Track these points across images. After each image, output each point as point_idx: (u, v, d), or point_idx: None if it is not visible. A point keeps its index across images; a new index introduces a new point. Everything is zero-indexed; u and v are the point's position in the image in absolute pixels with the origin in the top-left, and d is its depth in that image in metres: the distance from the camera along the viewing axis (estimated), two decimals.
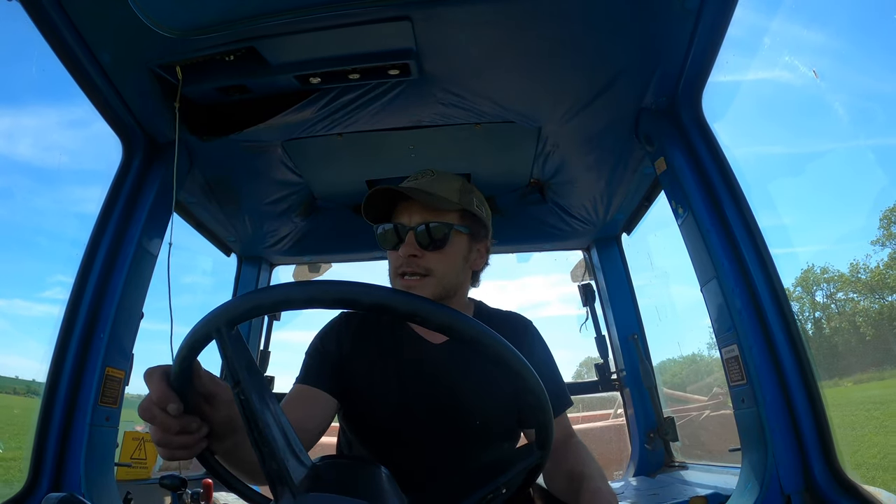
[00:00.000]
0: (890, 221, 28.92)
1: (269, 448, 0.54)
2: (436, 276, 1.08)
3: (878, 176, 63.83)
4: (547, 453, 0.68)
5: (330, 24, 1.16)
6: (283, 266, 2.52)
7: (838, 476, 1.14)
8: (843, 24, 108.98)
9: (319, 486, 0.54)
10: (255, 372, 0.58)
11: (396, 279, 1.10)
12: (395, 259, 1.10)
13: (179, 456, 0.66)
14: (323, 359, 1.13)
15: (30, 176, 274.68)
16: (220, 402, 0.67)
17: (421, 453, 1.09)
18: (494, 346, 0.57)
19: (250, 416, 0.55)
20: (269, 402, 0.57)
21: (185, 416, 0.63)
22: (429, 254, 1.07)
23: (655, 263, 2.40)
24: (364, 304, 0.53)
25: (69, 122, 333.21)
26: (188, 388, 0.63)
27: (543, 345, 1.24)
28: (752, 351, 1.25)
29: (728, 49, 1.27)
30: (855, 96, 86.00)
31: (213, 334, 0.57)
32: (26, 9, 1.12)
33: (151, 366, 0.64)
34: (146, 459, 1.75)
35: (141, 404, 0.63)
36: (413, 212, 1.08)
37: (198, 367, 0.64)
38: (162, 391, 0.61)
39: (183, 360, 0.60)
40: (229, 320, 0.56)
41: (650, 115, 1.50)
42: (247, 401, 0.55)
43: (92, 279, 1.37)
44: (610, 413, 4.26)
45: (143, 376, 0.63)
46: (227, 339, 0.56)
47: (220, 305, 0.56)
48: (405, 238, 1.07)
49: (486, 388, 1.10)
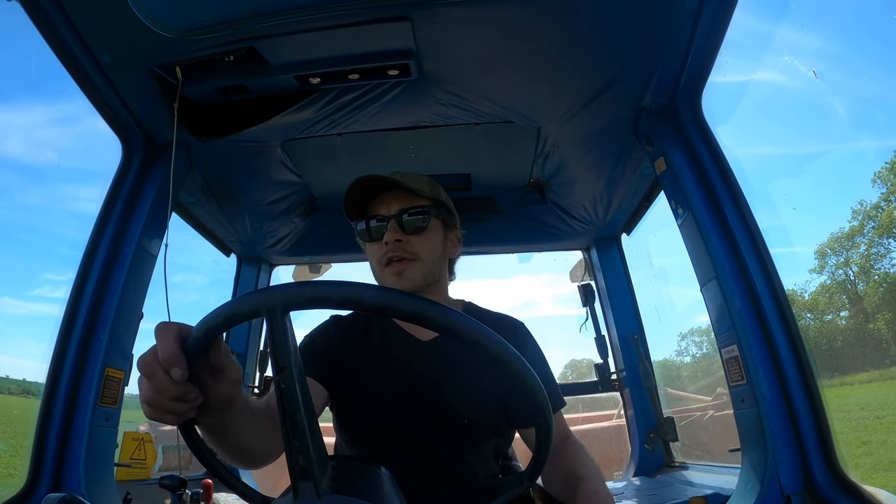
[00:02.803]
0: (824, 254, 32.72)
1: (301, 442, 0.52)
2: (421, 258, 1.13)
3: (810, 218, 63.74)
4: (534, 482, 0.69)
5: (330, 24, 1.15)
6: (283, 266, 2.52)
7: (838, 476, 1.14)
8: (844, 25, 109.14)
9: (342, 489, 0.53)
10: (299, 363, 0.56)
11: (382, 269, 1.13)
12: (379, 249, 1.13)
13: (164, 420, 0.62)
14: (312, 351, 1.15)
15: (30, 176, 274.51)
16: (226, 378, 0.64)
17: (411, 450, 1.09)
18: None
19: (288, 406, 0.53)
20: (307, 396, 0.55)
21: (185, 383, 0.59)
22: (412, 238, 1.12)
23: (655, 263, 2.40)
24: (436, 324, 0.55)
25: (69, 122, 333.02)
26: (199, 355, 0.60)
27: (536, 346, 1.26)
28: (752, 351, 1.25)
29: (728, 49, 1.27)
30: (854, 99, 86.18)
31: (263, 313, 0.53)
32: (26, 8, 1.12)
33: (166, 321, 0.60)
34: (146, 459, 1.75)
35: (143, 356, 0.59)
36: (390, 203, 1.14)
37: (219, 338, 0.60)
38: (172, 352, 0.57)
39: (211, 329, 0.57)
40: (288, 304, 0.53)
41: (650, 115, 1.50)
42: (288, 390, 0.53)
43: (92, 279, 1.36)
44: (613, 414, 4.25)
45: (156, 329, 0.59)
46: (280, 322, 0.53)
47: (281, 285, 0.55)
48: (387, 227, 1.12)
49: (475, 385, 1.11)
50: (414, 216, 1.13)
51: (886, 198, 29.62)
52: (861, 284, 30.78)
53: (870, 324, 28.39)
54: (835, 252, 32.55)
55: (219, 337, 0.60)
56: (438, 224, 1.18)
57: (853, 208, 31.33)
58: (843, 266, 32.20)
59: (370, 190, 1.15)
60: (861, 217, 30.72)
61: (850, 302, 30.93)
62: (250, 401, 0.78)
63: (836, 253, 32.46)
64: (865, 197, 36.18)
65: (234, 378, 0.65)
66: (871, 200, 30.84)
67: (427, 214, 1.15)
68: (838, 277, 32.20)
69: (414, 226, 1.13)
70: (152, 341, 0.59)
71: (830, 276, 32.57)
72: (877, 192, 30.79)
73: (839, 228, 32.63)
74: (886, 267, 29.72)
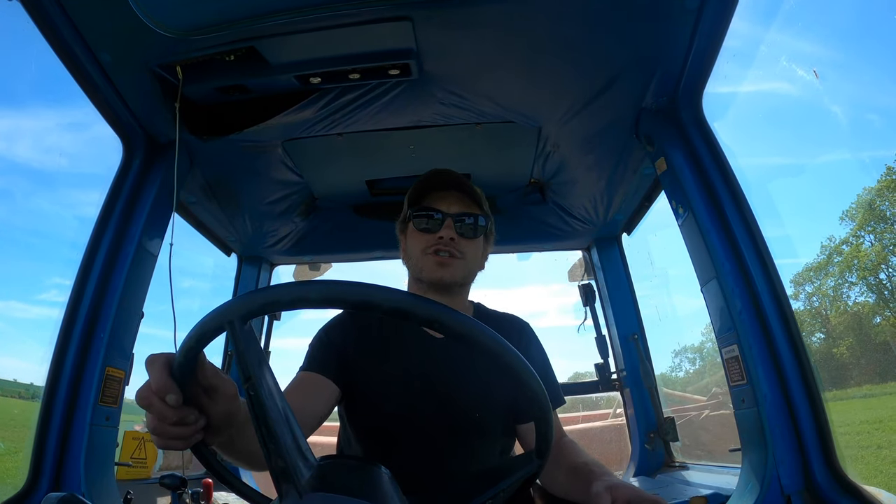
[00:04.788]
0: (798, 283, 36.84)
1: (277, 446, 0.53)
2: (466, 259, 1.20)
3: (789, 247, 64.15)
4: (544, 461, 0.69)
5: (330, 24, 1.15)
6: (283, 266, 2.52)
7: (838, 476, 1.14)
8: (843, 26, 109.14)
9: (325, 486, 0.53)
10: (265, 368, 0.57)
11: (427, 256, 1.18)
12: (428, 239, 1.19)
13: (173, 446, 0.64)
14: (327, 348, 1.16)
15: (29, 175, 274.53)
16: (221, 395, 0.66)
17: (421, 449, 1.10)
18: (504, 355, 0.58)
19: (259, 412, 0.54)
20: (278, 400, 0.56)
21: (183, 407, 0.61)
22: (463, 241, 1.19)
23: (656, 263, 2.40)
24: (384, 308, 0.53)
25: (69, 122, 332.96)
26: (190, 379, 0.61)
27: (539, 345, 1.30)
28: (752, 351, 1.25)
29: (728, 49, 1.27)
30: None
31: (224, 326, 0.55)
32: (26, 8, 1.12)
33: (154, 353, 0.63)
34: (146, 459, 1.75)
35: (139, 391, 0.62)
36: (451, 202, 1.21)
37: (202, 359, 0.62)
38: (162, 380, 0.60)
39: (189, 350, 0.58)
40: (244, 314, 0.55)
41: (650, 115, 1.50)
42: (256, 397, 0.54)
43: (92, 279, 1.36)
44: (609, 413, 4.26)
45: (145, 363, 0.62)
46: (239, 332, 0.55)
47: (235, 298, 0.56)
48: (444, 223, 1.18)
49: (485, 383, 1.13)
50: (471, 221, 1.21)
51: (854, 234, 33.48)
52: (831, 311, 34.87)
53: (834, 348, 32.01)
54: (810, 280, 36.75)
55: (201, 357, 0.62)
56: (482, 236, 1.25)
57: (822, 244, 35.86)
58: (817, 293, 36.11)
59: (436, 182, 1.22)
60: (829, 252, 35.16)
61: (821, 327, 34.85)
62: None
63: (812, 281, 36.66)
64: (835, 233, 39.68)
65: (229, 394, 0.67)
66: (839, 236, 35.19)
67: (481, 224, 1.22)
68: (814, 304, 36.25)
69: (468, 230, 1.20)
70: (153, 341, 0.60)
71: (806, 303, 36.51)
72: (845, 228, 34.78)
73: (813, 258, 36.69)
74: (852, 298, 33.80)
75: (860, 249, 32.99)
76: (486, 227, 1.24)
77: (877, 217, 32.57)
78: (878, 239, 32.55)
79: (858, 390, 25.95)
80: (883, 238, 32.20)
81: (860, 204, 33.61)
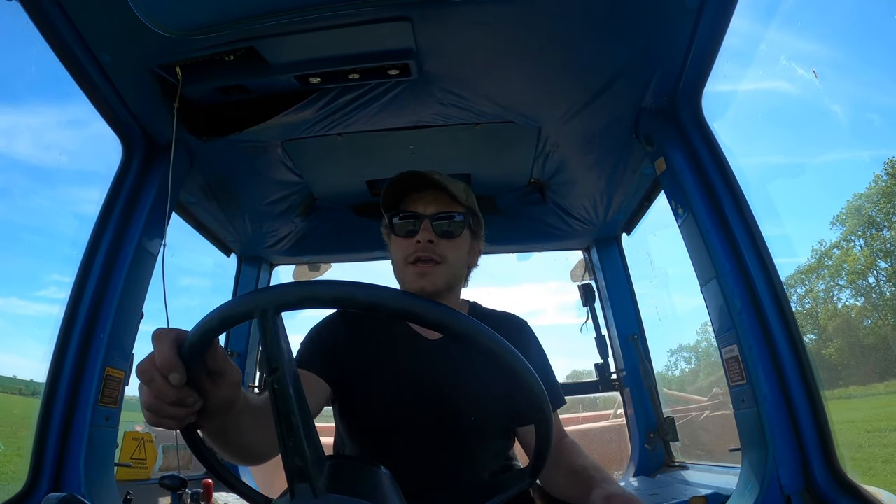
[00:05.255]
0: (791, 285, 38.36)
1: (296, 443, 0.52)
2: (448, 263, 1.13)
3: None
4: (536, 478, 0.69)
5: (330, 24, 1.15)
6: (283, 266, 2.52)
7: (838, 476, 1.14)
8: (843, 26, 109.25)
9: (339, 488, 0.53)
10: (293, 363, 0.55)
11: (407, 267, 1.13)
12: (407, 247, 1.13)
13: (165, 425, 0.62)
14: (317, 346, 1.15)
15: (28, 175, 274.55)
16: (226, 382, 0.64)
17: (416, 450, 1.09)
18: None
19: (282, 407, 0.52)
20: (301, 396, 0.55)
21: (184, 387, 0.59)
22: (443, 242, 1.13)
23: (655, 263, 2.41)
24: (427, 320, 0.54)
25: (68, 120, 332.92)
26: (197, 360, 0.60)
27: (538, 344, 1.27)
28: (752, 351, 1.25)
29: (728, 49, 1.27)
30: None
31: (255, 314, 0.53)
32: (26, 8, 1.12)
33: (163, 326, 0.60)
34: (146, 459, 1.75)
35: (141, 363, 0.59)
36: (428, 202, 1.14)
37: (215, 342, 0.61)
38: (169, 357, 0.57)
39: (206, 332, 0.56)
40: (278, 304, 0.53)
41: (650, 115, 1.50)
42: (281, 391, 0.52)
43: (92, 279, 1.36)
44: (609, 413, 4.26)
45: (153, 336, 0.59)
46: (272, 323, 0.53)
47: (272, 286, 0.55)
48: (420, 226, 1.12)
49: (482, 385, 1.11)
50: (449, 220, 1.14)
51: (845, 238, 34.79)
52: (820, 313, 36.53)
53: (823, 350, 33.46)
54: (801, 283, 38.37)
55: (215, 340, 0.60)
56: (468, 232, 1.19)
57: (813, 248, 37.39)
58: (808, 295, 37.77)
59: (410, 184, 1.15)
60: (819, 256, 36.83)
61: (812, 329, 36.23)
62: (251, 400, 0.78)
63: (803, 284, 38.29)
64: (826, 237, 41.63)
65: (233, 381, 0.65)
66: (829, 240, 36.70)
67: (461, 221, 1.16)
68: (805, 305, 37.92)
69: (447, 230, 1.14)
70: (150, 344, 0.59)
71: (798, 304, 37.76)
72: (835, 232, 36.21)
73: (805, 261, 38.08)
74: (841, 302, 35.53)
75: (850, 253, 34.06)
76: (466, 222, 1.17)
77: (866, 222, 33.47)
78: (867, 244, 33.59)
79: (845, 391, 27.30)
80: (873, 244, 33.28)
81: (850, 210, 34.83)
